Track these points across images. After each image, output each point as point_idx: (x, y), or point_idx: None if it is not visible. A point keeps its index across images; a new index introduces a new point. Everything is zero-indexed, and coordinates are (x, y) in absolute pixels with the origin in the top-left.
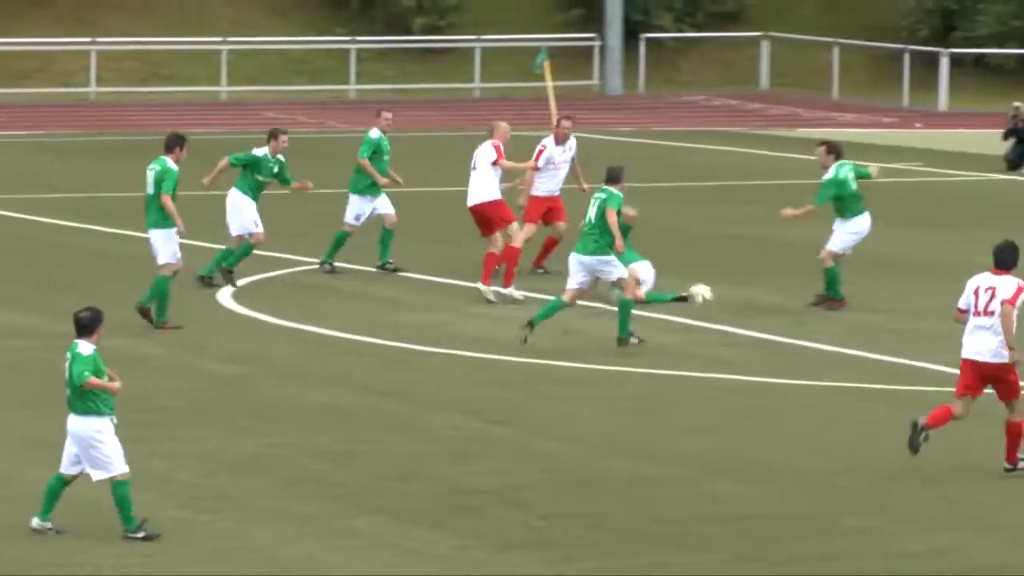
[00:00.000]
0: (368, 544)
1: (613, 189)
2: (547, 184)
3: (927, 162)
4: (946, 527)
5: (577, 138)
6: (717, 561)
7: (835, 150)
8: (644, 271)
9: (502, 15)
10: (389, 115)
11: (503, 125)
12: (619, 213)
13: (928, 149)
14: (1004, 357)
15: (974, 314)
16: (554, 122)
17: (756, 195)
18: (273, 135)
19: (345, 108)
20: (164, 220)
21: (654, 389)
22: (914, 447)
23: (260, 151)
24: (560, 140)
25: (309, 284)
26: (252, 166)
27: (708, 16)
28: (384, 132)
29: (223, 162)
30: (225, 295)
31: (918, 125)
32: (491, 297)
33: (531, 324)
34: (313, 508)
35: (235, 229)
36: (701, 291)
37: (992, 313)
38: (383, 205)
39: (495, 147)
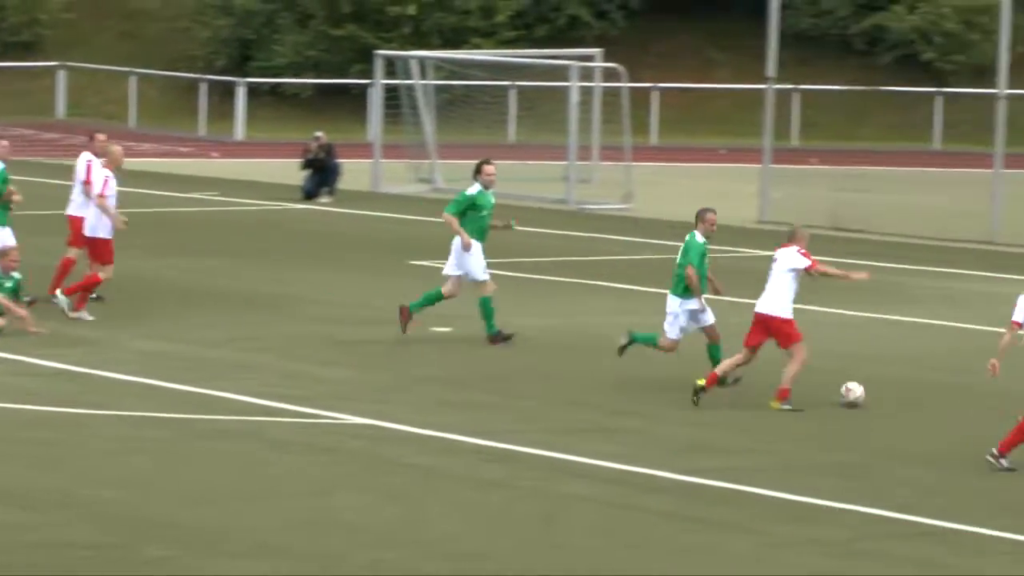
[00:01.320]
0: None
1: (697, 231)
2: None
3: (223, 191)
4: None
5: None
6: None
7: None
8: None
9: None
10: (5, 143)
11: (117, 149)
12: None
13: (224, 179)
14: None
15: None
16: None
17: (47, 225)
18: None
19: None
20: None
21: None
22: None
23: None
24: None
25: None
26: None
27: (5, 45)
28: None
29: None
30: None
31: (215, 155)
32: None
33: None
34: None
35: None
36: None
37: None
38: None
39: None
